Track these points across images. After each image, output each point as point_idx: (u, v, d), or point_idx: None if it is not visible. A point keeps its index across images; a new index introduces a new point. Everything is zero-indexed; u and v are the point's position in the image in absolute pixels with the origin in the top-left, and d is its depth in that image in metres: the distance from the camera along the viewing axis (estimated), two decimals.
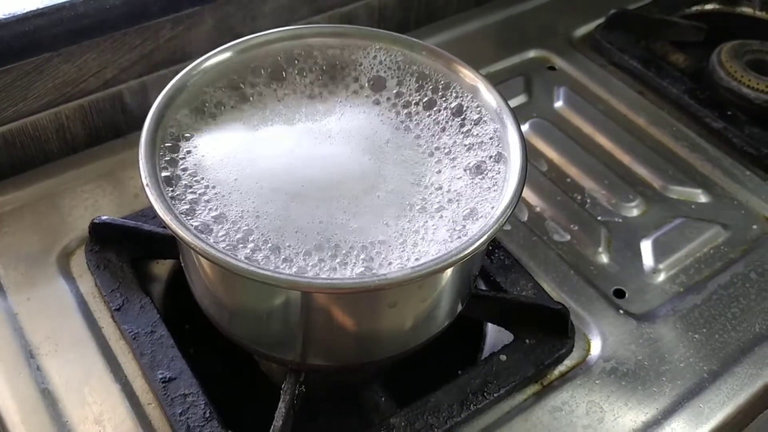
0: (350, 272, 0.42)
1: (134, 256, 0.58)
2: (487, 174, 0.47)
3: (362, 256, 0.43)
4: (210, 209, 0.44)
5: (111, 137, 0.70)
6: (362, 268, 0.42)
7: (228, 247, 0.42)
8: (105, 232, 0.58)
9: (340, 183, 0.46)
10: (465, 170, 0.48)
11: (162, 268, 0.61)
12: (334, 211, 0.44)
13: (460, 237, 0.44)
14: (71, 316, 0.56)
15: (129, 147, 0.68)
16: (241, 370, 0.58)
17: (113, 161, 0.67)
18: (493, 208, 0.45)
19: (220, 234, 0.43)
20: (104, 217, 0.58)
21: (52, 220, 0.62)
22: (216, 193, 0.45)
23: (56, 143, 0.68)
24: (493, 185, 0.47)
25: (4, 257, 0.59)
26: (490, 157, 0.48)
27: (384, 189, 0.46)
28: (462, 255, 0.41)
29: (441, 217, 0.45)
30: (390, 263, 0.43)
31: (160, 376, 0.51)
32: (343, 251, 0.43)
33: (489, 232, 0.42)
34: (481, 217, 0.45)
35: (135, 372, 0.53)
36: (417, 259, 0.42)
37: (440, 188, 0.47)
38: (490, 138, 0.49)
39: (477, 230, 0.42)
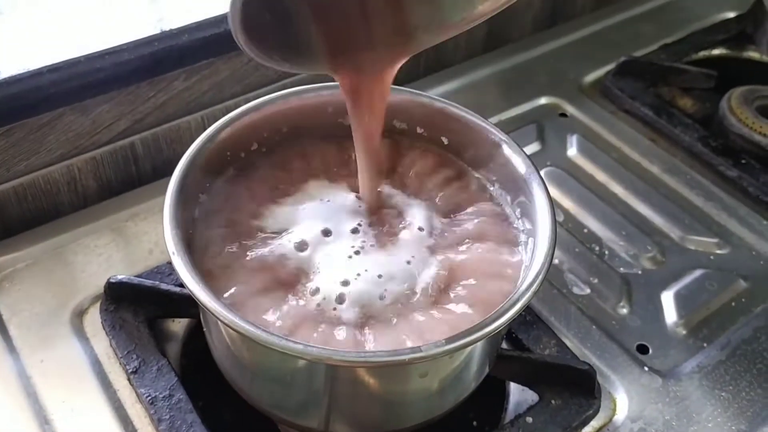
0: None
1: (150, 316, 0.57)
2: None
3: None
4: None
5: (123, 190, 0.69)
6: None
7: None
8: (121, 291, 0.56)
9: None
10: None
11: (177, 326, 0.60)
12: None
13: None
14: (86, 379, 0.54)
15: (141, 200, 0.67)
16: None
17: (126, 215, 0.66)
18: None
19: None
20: (120, 277, 0.57)
21: (64, 277, 0.61)
22: None
23: (67, 196, 0.67)
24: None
25: (17, 317, 0.58)
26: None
27: None
28: (495, 326, 0.40)
29: None
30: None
31: None
32: None
33: (522, 301, 0.41)
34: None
35: None
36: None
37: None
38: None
39: (509, 300, 0.41)
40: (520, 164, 0.49)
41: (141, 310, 0.57)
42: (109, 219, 0.66)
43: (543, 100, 0.82)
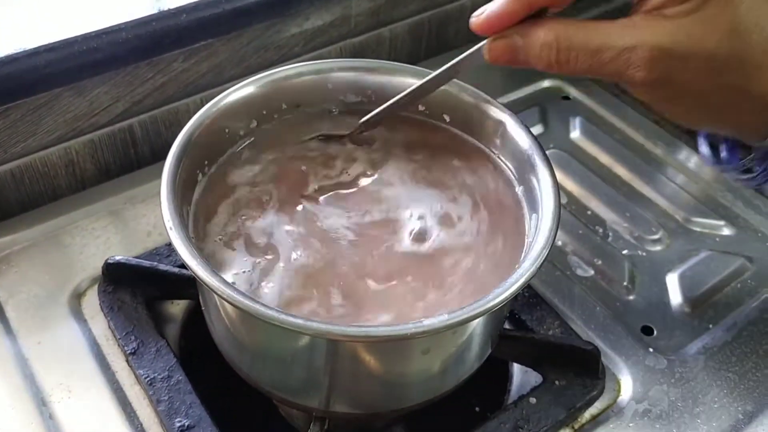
0: None
1: (149, 297, 0.56)
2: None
3: None
4: None
5: (121, 173, 0.69)
6: None
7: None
8: (119, 272, 0.56)
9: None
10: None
11: (176, 308, 0.59)
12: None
13: None
14: (84, 361, 0.54)
15: (139, 183, 0.67)
16: (259, 413, 0.56)
17: (124, 198, 0.65)
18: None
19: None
20: (118, 257, 0.56)
21: (62, 260, 0.60)
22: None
23: (65, 179, 0.67)
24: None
25: (14, 298, 0.57)
26: None
27: None
28: (499, 300, 0.39)
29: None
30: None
31: (179, 424, 0.49)
32: None
33: (527, 275, 0.41)
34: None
35: (151, 419, 0.51)
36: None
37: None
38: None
39: (514, 274, 0.41)
40: (524, 140, 0.48)
41: (139, 292, 0.56)
42: (106, 201, 0.65)
43: (546, 83, 0.82)
